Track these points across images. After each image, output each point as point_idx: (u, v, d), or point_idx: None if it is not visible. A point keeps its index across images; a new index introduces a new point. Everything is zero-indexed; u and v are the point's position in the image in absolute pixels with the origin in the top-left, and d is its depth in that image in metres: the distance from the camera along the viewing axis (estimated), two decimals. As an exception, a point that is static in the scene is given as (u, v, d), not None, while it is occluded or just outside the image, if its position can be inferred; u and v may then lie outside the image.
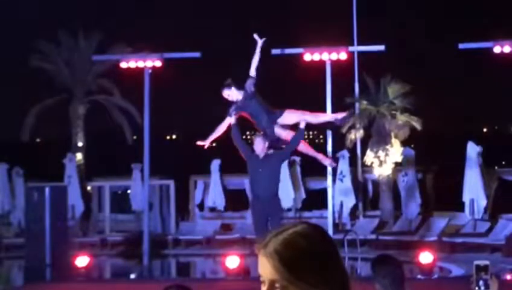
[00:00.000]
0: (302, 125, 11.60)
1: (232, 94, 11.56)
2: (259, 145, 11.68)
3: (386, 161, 23.04)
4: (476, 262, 2.82)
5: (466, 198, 21.32)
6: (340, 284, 2.01)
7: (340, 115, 12.36)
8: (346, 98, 24.57)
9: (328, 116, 12.54)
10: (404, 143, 23.58)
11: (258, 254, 2.03)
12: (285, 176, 23.88)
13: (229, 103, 11.64)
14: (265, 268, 2.00)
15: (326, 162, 13.20)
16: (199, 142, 11.82)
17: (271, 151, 11.85)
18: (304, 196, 24.50)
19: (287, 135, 11.86)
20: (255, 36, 11.85)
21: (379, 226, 22.68)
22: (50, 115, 28.53)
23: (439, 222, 21.53)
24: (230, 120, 11.53)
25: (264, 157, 11.73)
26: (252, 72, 11.74)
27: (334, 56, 17.77)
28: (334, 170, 20.54)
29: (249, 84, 11.60)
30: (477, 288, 2.79)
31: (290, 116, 11.74)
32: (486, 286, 2.78)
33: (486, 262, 2.81)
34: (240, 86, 11.61)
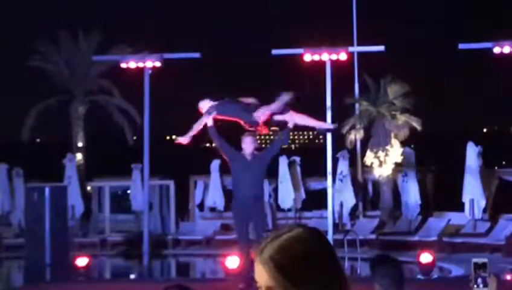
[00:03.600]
0: (290, 125, 11.47)
1: (204, 107, 11.64)
2: (250, 146, 11.56)
3: (386, 161, 23.04)
4: (474, 260, 2.81)
5: (466, 198, 21.32)
6: (339, 288, 1.98)
7: (324, 125, 12.24)
8: (346, 98, 24.59)
9: (311, 122, 12.29)
10: (404, 143, 23.57)
11: (254, 260, 1.99)
12: (285, 176, 23.89)
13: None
14: (262, 275, 1.96)
15: (329, 126, 12.96)
16: (179, 139, 11.83)
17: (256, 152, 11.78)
18: (303, 196, 24.49)
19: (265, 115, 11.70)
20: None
21: (379, 226, 22.67)
22: (50, 115, 28.53)
23: (439, 222, 21.53)
24: (206, 119, 11.50)
25: (252, 158, 11.60)
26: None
27: (334, 56, 17.76)
28: (334, 170, 20.54)
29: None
30: (475, 286, 2.78)
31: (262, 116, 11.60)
32: (485, 283, 2.77)
33: (485, 260, 2.80)
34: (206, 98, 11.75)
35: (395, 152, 23.07)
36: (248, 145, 11.57)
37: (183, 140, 11.69)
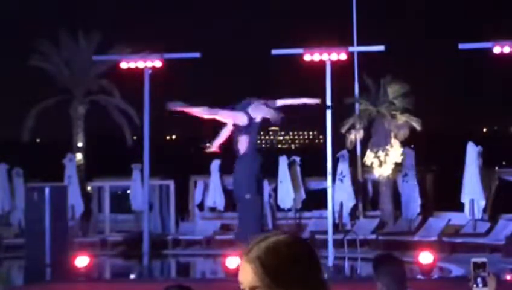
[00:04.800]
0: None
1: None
2: (244, 143, 11.70)
3: (386, 161, 23.04)
4: (474, 259, 2.81)
5: (466, 198, 21.31)
6: None
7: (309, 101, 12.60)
8: (346, 98, 24.60)
9: (296, 100, 12.77)
10: (404, 143, 23.57)
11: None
12: (285, 176, 23.89)
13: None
14: (247, 274, 2.01)
15: (311, 101, 13.36)
16: (209, 148, 12.00)
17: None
18: (303, 196, 24.49)
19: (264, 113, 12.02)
20: None
21: (379, 227, 22.67)
22: (50, 115, 28.53)
23: (439, 222, 21.53)
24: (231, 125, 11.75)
25: (246, 156, 11.77)
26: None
27: (334, 56, 17.74)
28: (334, 170, 20.53)
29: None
30: (475, 285, 2.78)
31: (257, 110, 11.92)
32: (484, 283, 2.77)
33: (484, 259, 2.80)
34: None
35: (395, 152, 23.07)
36: (243, 143, 11.73)
37: (213, 147, 12.00)
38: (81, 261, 16.06)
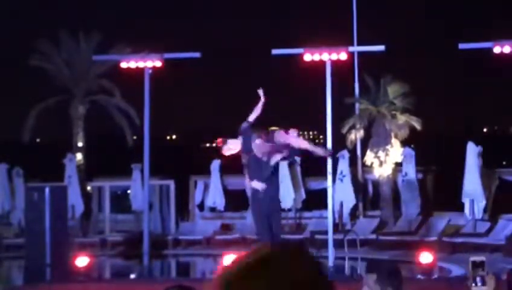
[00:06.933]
0: (295, 145, 12.19)
1: (232, 147, 12.03)
2: (261, 147, 11.83)
3: (386, 161, 23.05)
4: (472, 258, 2.80)
5: (466, 198, 21.32)
6: None
7: (321, 151, 12.92)
8: (346, 98, 24.61)
9: (308, 146, 13.02)
10: (404, 143, 23.58)
11: None
12: (285, 176, 23.88)
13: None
14: None
15: (324, 153, 13.58)
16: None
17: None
18: (304, 196, 24.49)
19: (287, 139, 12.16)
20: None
21: (379, 226, 22.68)
22: (50, 115, 28.52)
23: (439, 222, 21.54)
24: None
25: (266, 158, 11.90)
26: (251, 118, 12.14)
27: (334, 56, 17.72)
28: (334, 170, 20.53)
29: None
30: (474, 284, 2.77)
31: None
32: (483, 282, 2.76)
33: (483, 258, 2.80)
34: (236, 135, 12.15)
35: (395, 152, 23.08)
36: (260, 147, 11.90)
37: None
38: (81, 261, 16.07)
